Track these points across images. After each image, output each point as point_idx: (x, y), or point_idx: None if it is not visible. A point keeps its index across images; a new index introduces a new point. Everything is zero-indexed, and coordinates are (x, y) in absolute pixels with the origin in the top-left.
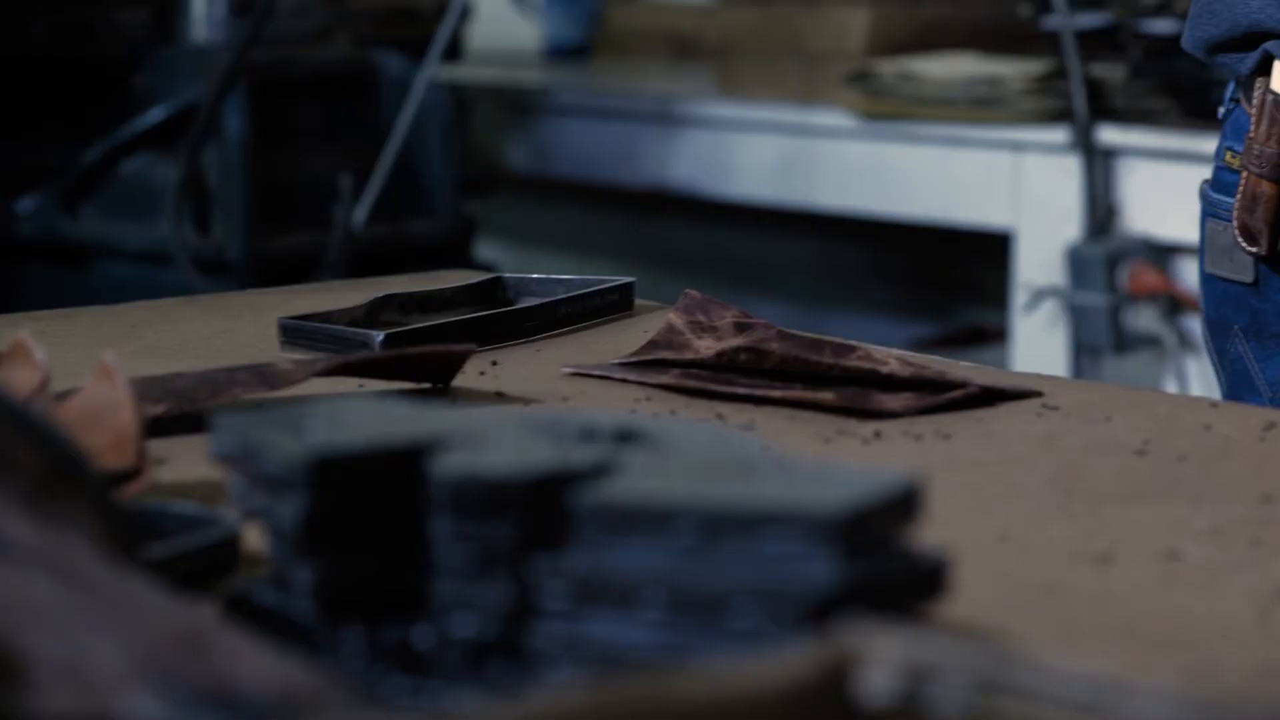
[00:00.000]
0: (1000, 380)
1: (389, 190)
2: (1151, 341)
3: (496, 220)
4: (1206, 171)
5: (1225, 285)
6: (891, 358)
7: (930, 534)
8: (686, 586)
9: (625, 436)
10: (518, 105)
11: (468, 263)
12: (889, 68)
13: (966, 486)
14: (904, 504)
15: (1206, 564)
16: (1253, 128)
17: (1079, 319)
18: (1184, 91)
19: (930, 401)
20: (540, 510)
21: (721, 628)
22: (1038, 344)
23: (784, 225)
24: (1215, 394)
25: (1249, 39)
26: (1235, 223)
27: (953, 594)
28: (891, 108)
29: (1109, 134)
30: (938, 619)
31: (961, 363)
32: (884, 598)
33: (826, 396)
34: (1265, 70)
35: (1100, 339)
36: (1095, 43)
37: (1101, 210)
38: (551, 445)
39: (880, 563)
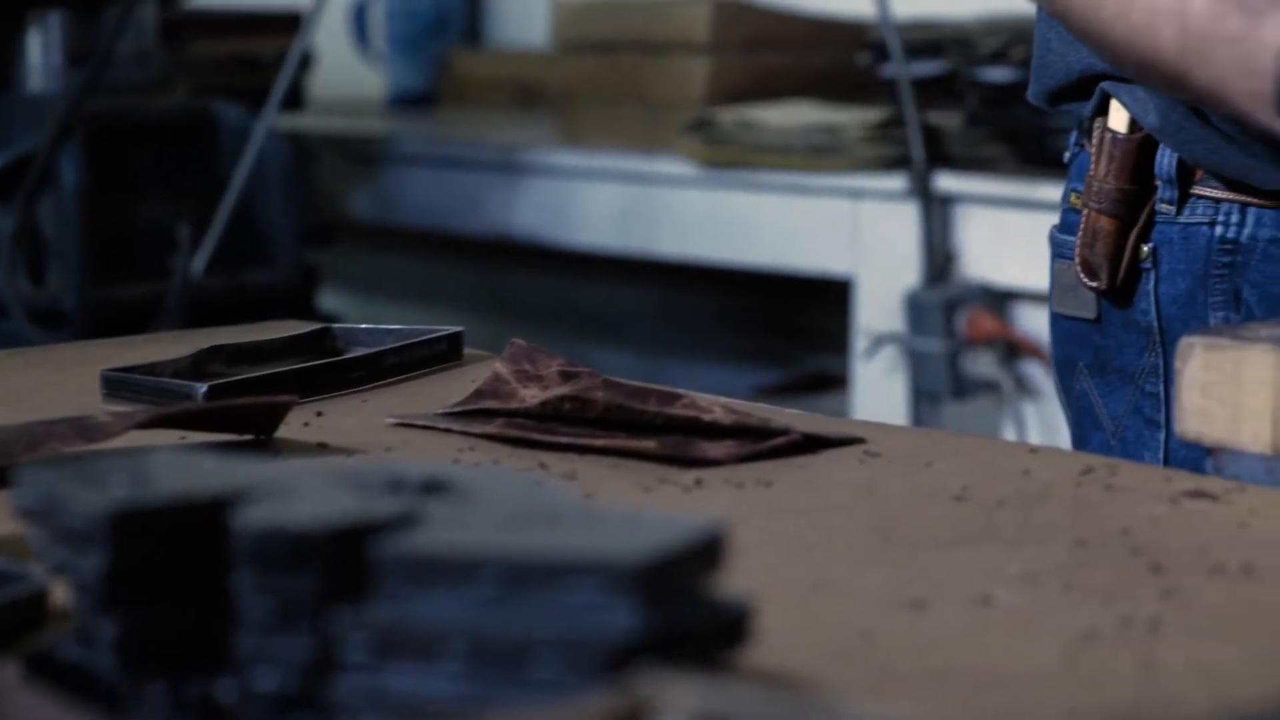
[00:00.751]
0: (823, 427)
1: (229, 240)
2: (990, 387)
3: (342, 269)
4: (1043, 217)
5: (1070, 324)
6: (716, 406)
7: (748, 581)
8: (488, 637)
9: (433, 487)
10: (361, 154)
11: (311, 312)
12: (729, 116)
13: (786, 534)
14: (708, 552)
15: (1019, 609)
16: (1093, 166)
17: (918, 365)
18: (1020, 138)
19: (752, 449)
20: (343, 562)
21: (523, 678)
22: (878, 390)
23: (629, 273)
24: (1054, 438)
25: (1083, 85)
26: (1077, 259)
27: (762, 642)
28: (731, 155)
29: (946, 181)
30: (746, 668)
31: (787, 410)
32: (687, 646)
33: (649, 445)
34: (1104, 111)
35: (939, 385)
36: (932, 90)
37: (939, 257)
38: (357, 496)
39: (683, 611)
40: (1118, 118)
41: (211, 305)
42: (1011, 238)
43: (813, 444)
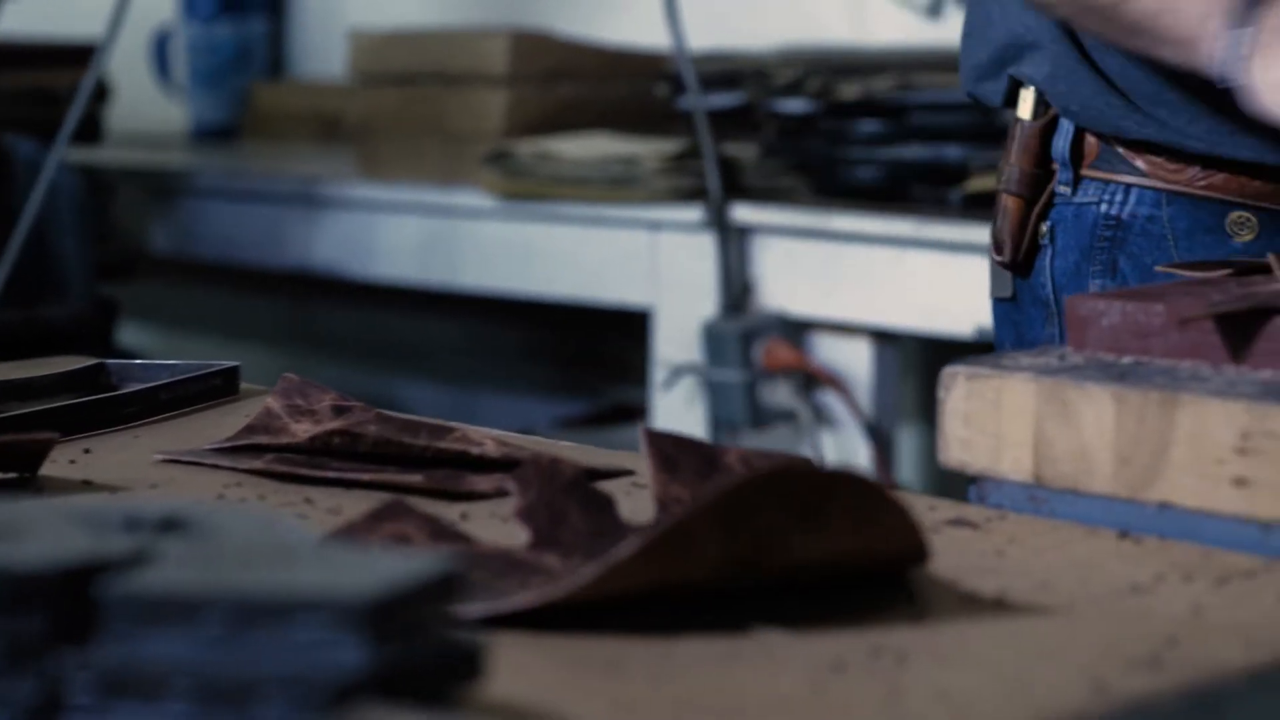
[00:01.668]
0: (594, 459)
1: (21, 274)
2: (788, 416)
3: (143, 304)
4: (837, 247)
5: (998, 307)
6: (488, 439)
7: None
8: (214, 676)
9: (169, 525)
10: (161, 187)
11: (109, 347)
12: (527, 148)
13: None
14: (440, 588)
15: (770, 639)
16: (1005, 152)
17: (716, 395)
18: (815, 169)
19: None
20: (71, 602)
21: (249, 716)
22: (677, 420)
23: (433, 306)
24: (851, 465)
25: (1005, 60)
26: (991, 239)
27: (504, 673)
28: (529, 187)
29: (743, 212)
30: (484, 700)
31: (560, 443)
32: (417, 683)
33: (415, 479)
34: (1014, 102)
35: (737, 415)
36: (730, 122)
37: (737, 287)
38: (90, 535)
39: (413, 647)
40: (1024, 105)
41: (3, 340)
42: (807, 268)
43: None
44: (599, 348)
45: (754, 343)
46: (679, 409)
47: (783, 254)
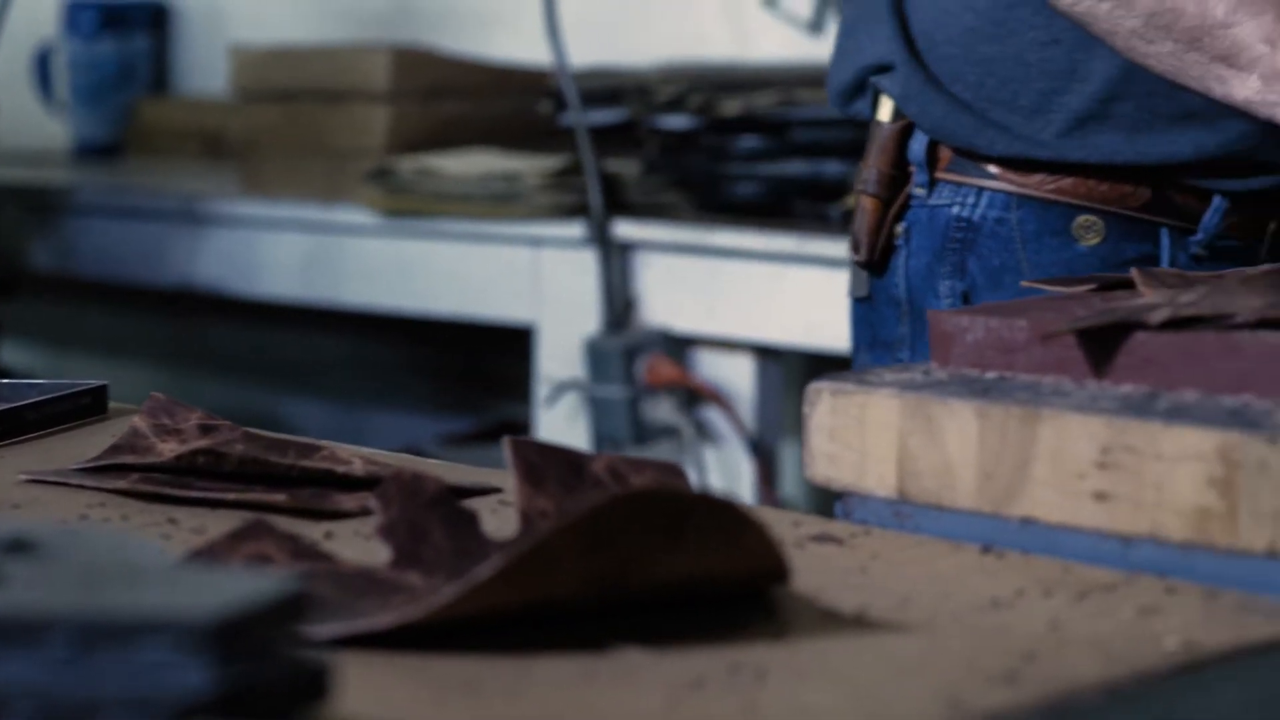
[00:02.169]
0: (462, 476)
1: None
2: (670, 432)
3: (25, 322)
4: (719, 264)
5: (855, 307)
6: (356, 458)
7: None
8: (58, 698)
9: (17, 546)
10: (42, 204)
11: None
12: (408, 164)
13: None
14: (289, 608)
15: (628, 657)
16: (865, 154)
17: (599, 411)
18: (697, 185)
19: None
20: None
21: None
22: (560, 437)
23: (319, 323)
24: (734, 482)
25: (865, 82)
26: (850, 239)
27: (358, 691)
28: (411, 204)
29: (625, 228)
30: None
31: (429, 460)
32: (263, 703)
33: (279, 498)
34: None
35: (620, 431)
36: (612, 138)
37: (619, 304)
38: None
39: (260, 668)
40: (884, 109)
41: None
42: (689, 284)
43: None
44: (483, 364)
45: (636, 359)
46: (562, 425)
47: (665, 270)
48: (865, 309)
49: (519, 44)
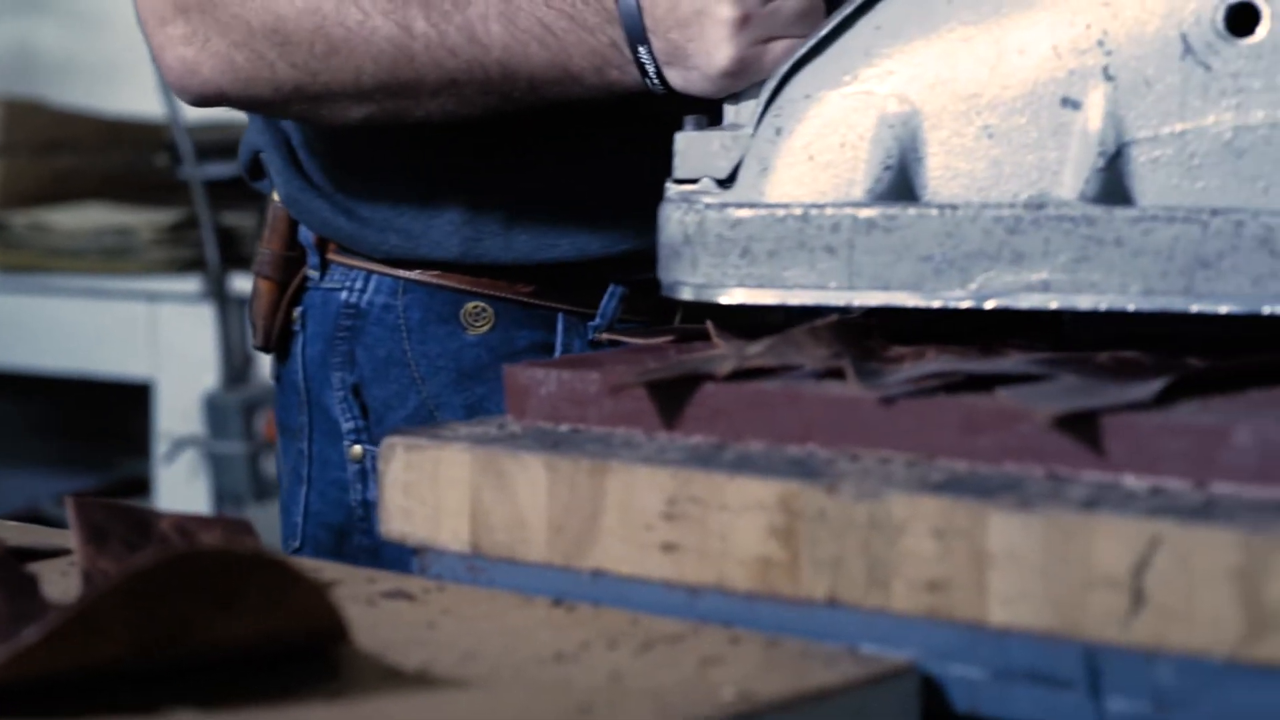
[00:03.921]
0: (41, 539)
1: None
2: None
3: None
4: None
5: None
6: None
7: None
8: None
9: None
10: None
11: None
12: (21, 219)
13: None
14: None
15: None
16: (261, 235)
17: (219, 467)
18: None
19: None
20: None
21: None
22: (181, 494)
23: None
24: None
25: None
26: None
27: None
28: (25, 259)
29: (242, 282)
30: None
31: (7, 522)
32: None
33: None
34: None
35: (241, 486)
36: (228, 192)
37: (237, 359)
38: None
39: None
40: (277, 189)
41: None
42: None
43: (22, 556)
44: (105, 421)
45: (256, 414)
46: (182, 482)
47: None
48: (277, 391)
49: (136, 97)
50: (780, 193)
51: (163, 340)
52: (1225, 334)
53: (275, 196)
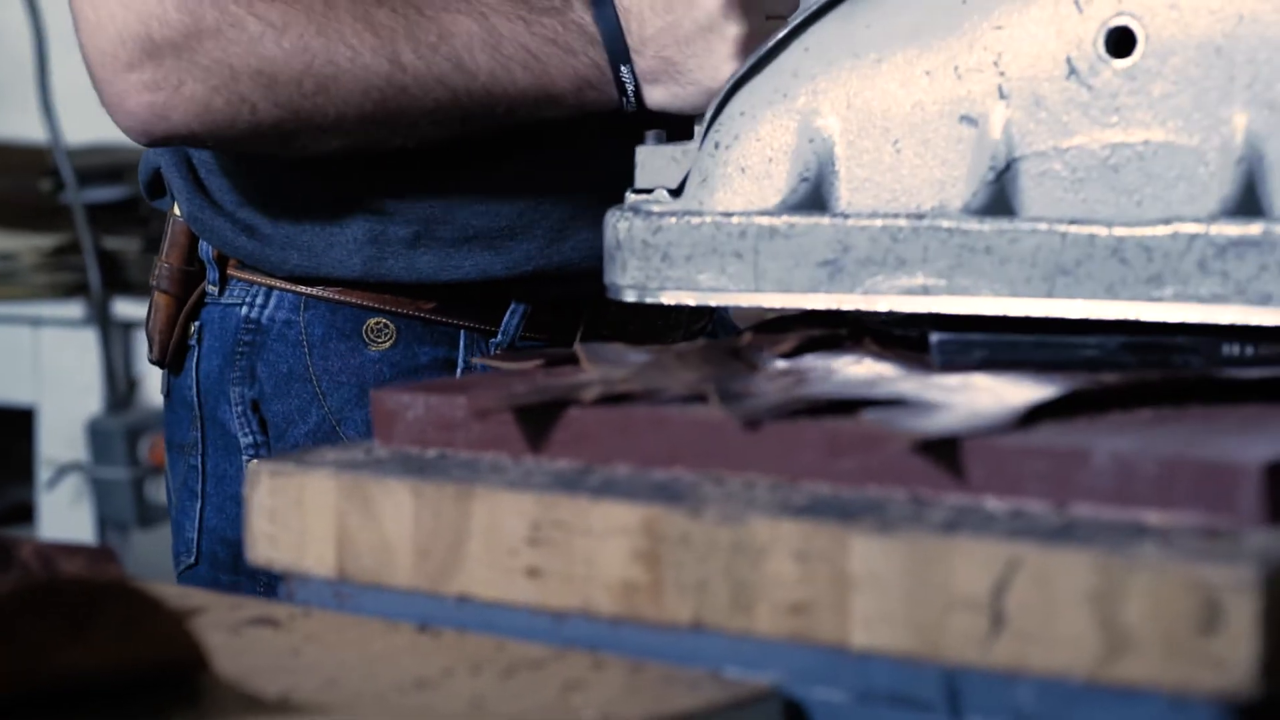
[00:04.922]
0: None
1: None
2: None
3: None
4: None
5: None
6: None
7: None
8: None
9: None
10: None
11: None
12: None
13: None
14: None
15: None
16: (160, 250)
17: (102, 493)
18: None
19: None
20: None
21: None
22: (64, 520)
23: None
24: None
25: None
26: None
27: None
28: None
29: (125, 307)
30: None
31: None
32: None
33: None
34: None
35: (124, 512)
36: (111, 216)
37: (121, 384)
38: None
39: None
40: (178, 204)
41: None
42: None
43: None
44: None
45: (140, 439)
46: (64, 508)
47: None
48: (166, 408)
49: (18, 121)
50: (716, 202)
51: (45, 365)
52: (1104, 358)
53: (176, 211)
